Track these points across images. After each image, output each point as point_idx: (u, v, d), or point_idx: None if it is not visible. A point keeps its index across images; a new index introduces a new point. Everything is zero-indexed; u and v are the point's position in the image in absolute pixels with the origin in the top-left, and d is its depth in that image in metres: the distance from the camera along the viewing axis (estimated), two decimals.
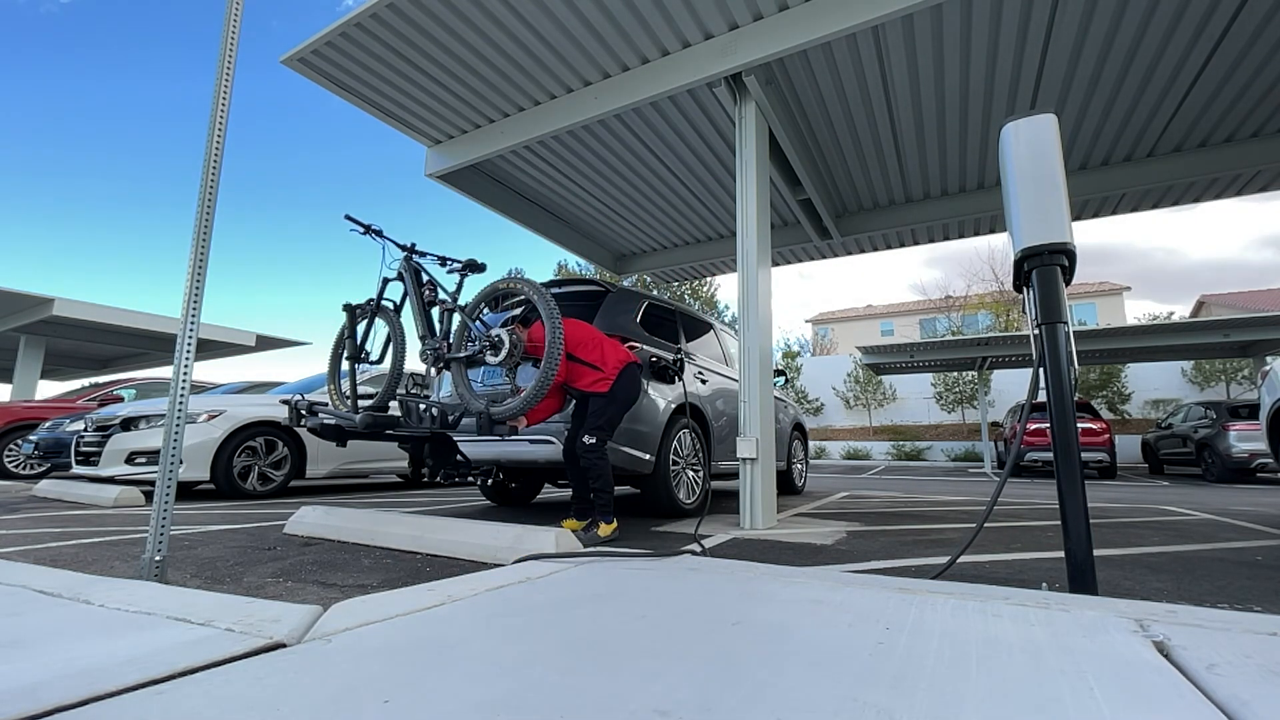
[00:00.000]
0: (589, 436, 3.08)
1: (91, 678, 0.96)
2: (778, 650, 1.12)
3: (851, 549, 2.89)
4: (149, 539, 2.03)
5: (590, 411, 3.19)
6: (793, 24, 3.75)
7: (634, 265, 8.52)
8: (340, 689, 0.93)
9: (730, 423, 4.63)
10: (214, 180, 2.28)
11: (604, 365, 3.23)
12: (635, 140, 5.53)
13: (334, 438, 3.54)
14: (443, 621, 1.33)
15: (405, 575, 2.22)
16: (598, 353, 3.26)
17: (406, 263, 3.61)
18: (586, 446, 3.07)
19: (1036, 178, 1.91)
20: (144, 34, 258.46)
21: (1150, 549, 2.99)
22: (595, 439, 3.08)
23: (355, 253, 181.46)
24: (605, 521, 3.07)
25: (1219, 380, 19.30)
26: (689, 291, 22.99)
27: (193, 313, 2.18)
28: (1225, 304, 24.96)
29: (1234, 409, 10.10)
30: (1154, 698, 0.91)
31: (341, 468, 6.24)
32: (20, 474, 7.79)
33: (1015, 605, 1.46)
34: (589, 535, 2.99)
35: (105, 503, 4.60)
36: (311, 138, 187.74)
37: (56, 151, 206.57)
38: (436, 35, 4.16)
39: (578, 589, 1.65)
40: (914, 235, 7.12)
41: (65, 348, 12.47)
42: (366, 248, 3.50)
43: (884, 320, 34.99)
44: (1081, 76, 4.47)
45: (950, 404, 22.24)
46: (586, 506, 3.33)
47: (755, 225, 3.88)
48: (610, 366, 3.25)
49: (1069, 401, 1.79)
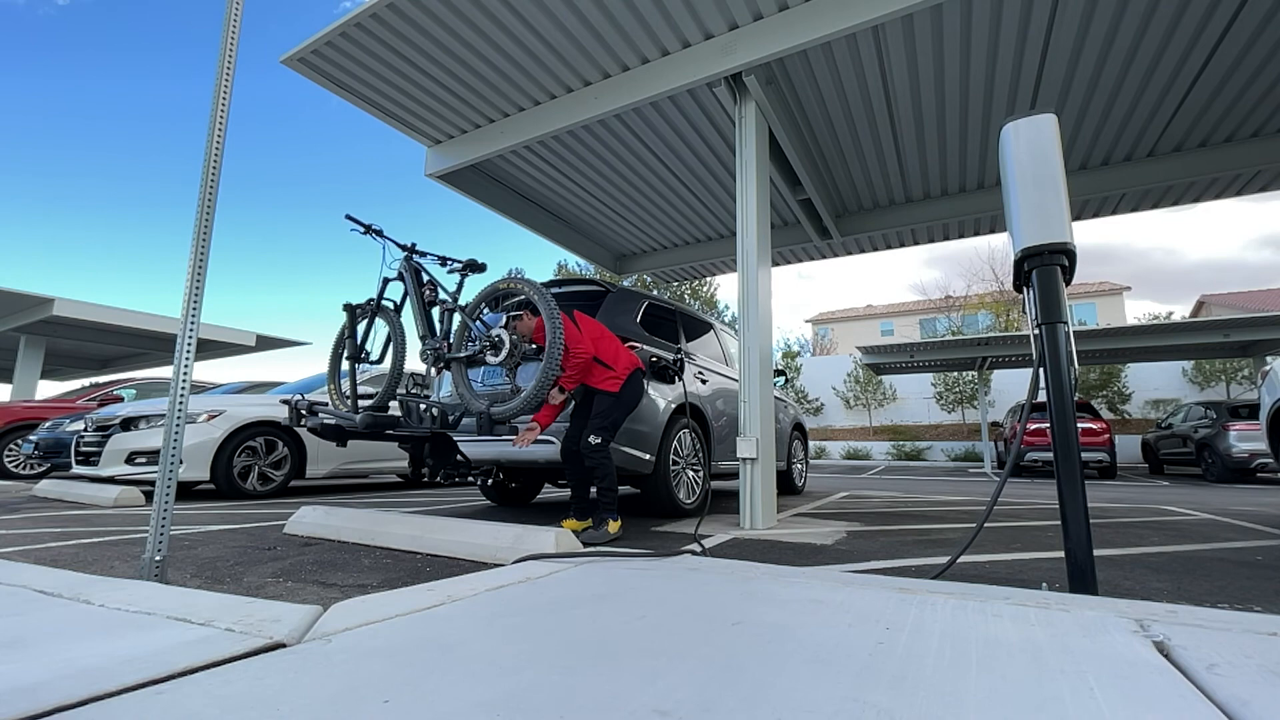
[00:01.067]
0: (594, 436, 3.08)
1: (91, 678, 0.96)
2: (778, 650, 1.12)
3: (851, 549, 2.89)
4: (149, 539, 2.03)
5: (595, 411, 3.19)
6: (793, 24, 3.75)
7: (634, 265, 8.52)
8: (340, 689, 0.93)
9: (730, 423, 4.63)
10: (214, 180, 2.28)
11: (616, 364, 3.24)
12: (635, 140, 5.53)
13: (334, 438, 3.54)
14: (443, 621, 1.33)
15: (405, 575, 2.22)
16: (613, 351, 3.28)
17: (407, 263, 3.62)
18: (593, 446, 3.07)
19: (1036, 178, 1.91)
20: (143, 35, 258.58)
21: (1150, 549, 2.99)
22: (600, 439, 3.08)
23: (356, 253, 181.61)
24: (612, 519, 3.08)
25: (1219, 380, 19.29)
26: (689, 291, 22.98)
27: (193, 313, 2.18)
28: (1225, 304, 24.95)
29: (1234, 409, 10.10)
30: (1154, 698, 0.91)
31: (341, 468, 6.24)
32: (20, 474, 7.79)
33: (1015, 605, 1.46)
34: (599, 533, 3.00)
35: (105, 503, 4.60)
36: (312, 138, 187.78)
37: (56, 153, 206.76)
38: (436, 35, 4.16)
39: (578, 589, 1.65)
40: (914, 235, 7.12)
41: (65, 348, 12.46)
42: (367, 248, 3.48)
43: (884, 320, 34.98)
44: (1081, 77, 4.47)
45: (950, 404, 22.24)
46: (587, 506, 3.33)
47: (755, 225, 3.88)
48: (622, 366, 3.26)
49: (1069, 401, 1.79)
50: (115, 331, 11.07)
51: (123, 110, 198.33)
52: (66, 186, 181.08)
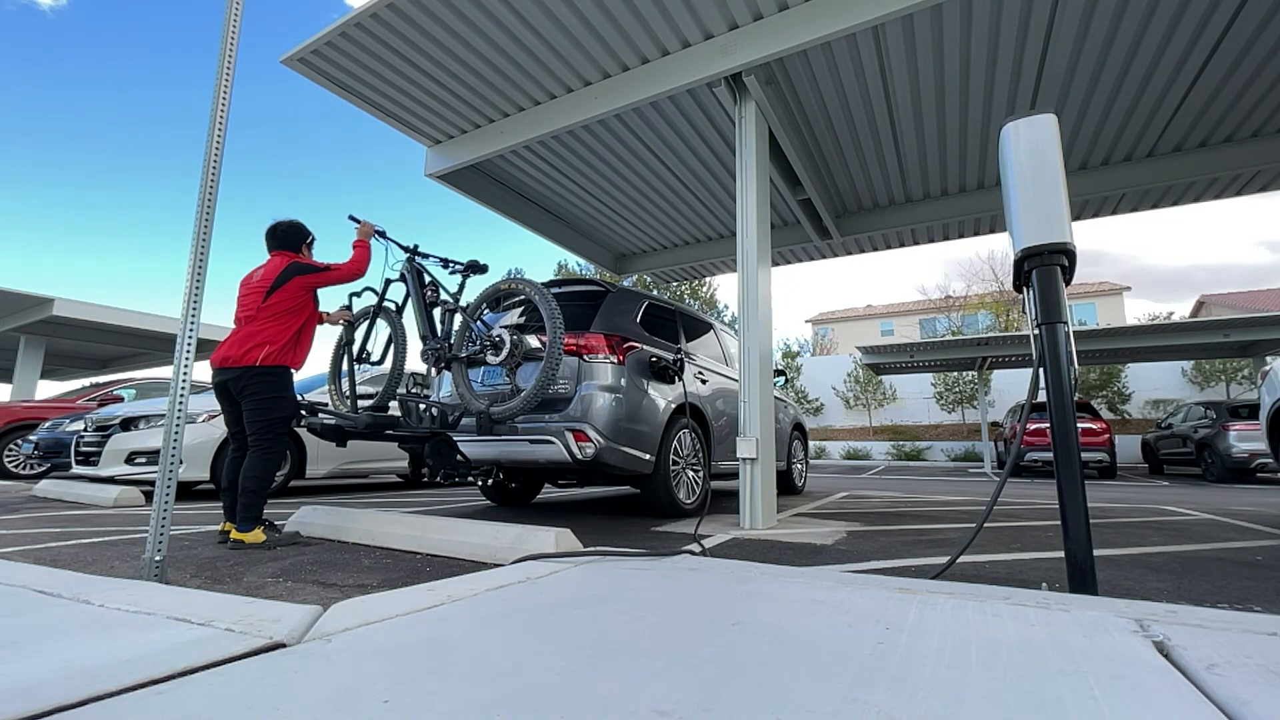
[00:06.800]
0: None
1: (91, 678, 0.96)
2: (778, 650, 1.12)
3: (851, 549, 2.89)
4: (149, 539, 2.04)
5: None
6: (792, 24, 3.75)
7: (634, 265, 8.52)
8: (340, 689, 0.93)
9: (730, 423, 4.63)
10: (214, 181, 2.28)
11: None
12: (635, 140, 5.53)
13: (334, 438, 3.54)
14: (443, 621, 1.33)
15: (405, 575, 2.22)
16: None
17: (409, 264, 3.63)
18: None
19: (1036, 178, 1.91)
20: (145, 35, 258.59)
21: (1150, 549, 2.99)
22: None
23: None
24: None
25: (1219, 380, 19.28)
26: (689, 291, 22.98)
27: (193, 313, 2.18)
28: (1225, 304, 24.96)
29: (1234, 409, 10.10)
30: (1154, 698, 0.91)
31: (341, 468, 6.24)
32: (20, 474, 7.78)
33: (1015, 605, 1.46)
34: None
35: (105, 503, 4.60)
36: (312, 139, 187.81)
37: (58, 153, 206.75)
38: (436, 35, 4.16)
39: (578, 589, 1.65)
40: (914, 235, 7.12)
41: (65, 348, 12.46)
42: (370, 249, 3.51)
43: (884, 320, 34.97)
44: (1081, 76, 4.47)
45: (950, 404, 22.23)
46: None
47: (755, 225, 3.88)
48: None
49: (1069, 401, 1.79)
50: (115, 331, 11.07)
51: (123, 110, 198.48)
52: (68, 186, 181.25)
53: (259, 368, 2.93)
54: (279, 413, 2.98)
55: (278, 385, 2.99)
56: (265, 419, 2.93)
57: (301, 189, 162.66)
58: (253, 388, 2.93)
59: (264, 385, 2.94)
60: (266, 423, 2.93)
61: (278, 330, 3.00)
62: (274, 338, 2.98)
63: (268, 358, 2.94)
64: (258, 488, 2.85)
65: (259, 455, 2.90)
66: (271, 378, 2.97)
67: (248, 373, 2.93)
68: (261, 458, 2.90)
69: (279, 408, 2.98)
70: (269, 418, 2.94)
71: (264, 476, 2.89)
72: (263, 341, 2.95)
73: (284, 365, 3.02)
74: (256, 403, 2.93)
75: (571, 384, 3.54)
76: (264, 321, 2.99)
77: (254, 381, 2.93)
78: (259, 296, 3.04)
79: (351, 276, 3.23)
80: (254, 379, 2.93)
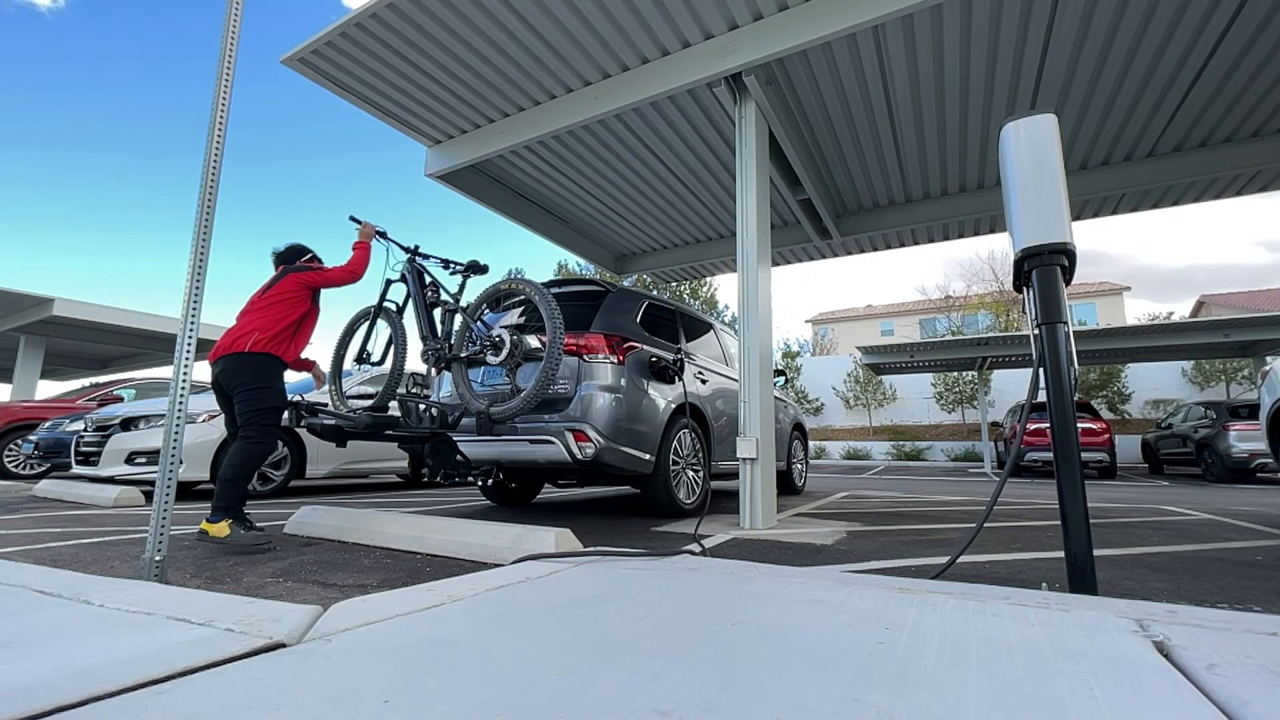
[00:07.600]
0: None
1: (91, 678, 0.96)
2: (778, 650, 1.12)
3: (851, 549, 2.89)
4: (149, 539, 2.04)
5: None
6: (792, 24, 3.75)
7: (634, 265, 8.52)
8: (340, 689, 0.93)
9: (730, 423, 4.63)
10: (214, 181, 2.28)
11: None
12: (635, 140, 5.53)
13: (334, 438, 3.54)
14: (443, 621, 1.33)
15: (405, 575, 2.22)
16: None
17: (410, 264, 3.63)
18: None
19: (1036, 178, 1.91)
20: (144, 36, 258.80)
21: (1150, 549, 2.99)
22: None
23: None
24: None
25: (1219, 380, 19.29)
26: (689, 291, 22.98)
27: (193, 313, 2.18)
28: (1225, 304, 24.96)
29: (1234, 409, 10.10)
30: (1154, 698, 0.91)
31: (341, 468, 6.24)
32: (20, 474, 7.78)
33: (1015, 605, 1.46)
34: None
35: (105, 503, 4.60)
36: (313, 139, 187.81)
37: (58, 154, 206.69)
38: (436, 35, 4.16)
39: (578, 589, 1.65)
40: (914, 235, 7.12)
41: (65, 348, 12.46)
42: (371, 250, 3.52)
43: (884, 320, 34.97)
44: (1081, 76, 4.47)
45: (950, 404, 22.23)
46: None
47: (755, 225, 3.88)
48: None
49: (1069, 401, 1.79)
50: (115, 331, 11.07)
51: (122, 111, 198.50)
52: (68, 187, 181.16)
53: (246, 353, 2.90)
54: (266, 403, 2.93)
55: (264, 373, 2.94)
56: (253, 408, 2.89)
57: (302, 189, 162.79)
58: (240, 375, 2.90)
59: (250, 372, 2.91)
60: (254, 412, 2.89)
61: (270, 320, 2.99)
62: (265, 326, 2.97)
63: (256, 344, 2.92)
64: (233, 476, 2.79)
65: (242, 444, 2.86)
66: (258, 364, 2.93)
67: (235, 359, 2.91)
68: (244, 446, 2.85)
69: (266, 397, 2.93)
70: (256, 407, 2.90)
71: (242, 465, 2.82)
72: (253, 329, 2.94)
73: (272, 354, 2.98)
74: (243, 392, 2.90)
75: (571, 384, 3.54)
76: (257, 313, 3.00)
77: (241, 368, 2.90)
78: (257, 296, 3.07)
79: (348, 278, 3.22)
80: (241, 365, 2.90)
